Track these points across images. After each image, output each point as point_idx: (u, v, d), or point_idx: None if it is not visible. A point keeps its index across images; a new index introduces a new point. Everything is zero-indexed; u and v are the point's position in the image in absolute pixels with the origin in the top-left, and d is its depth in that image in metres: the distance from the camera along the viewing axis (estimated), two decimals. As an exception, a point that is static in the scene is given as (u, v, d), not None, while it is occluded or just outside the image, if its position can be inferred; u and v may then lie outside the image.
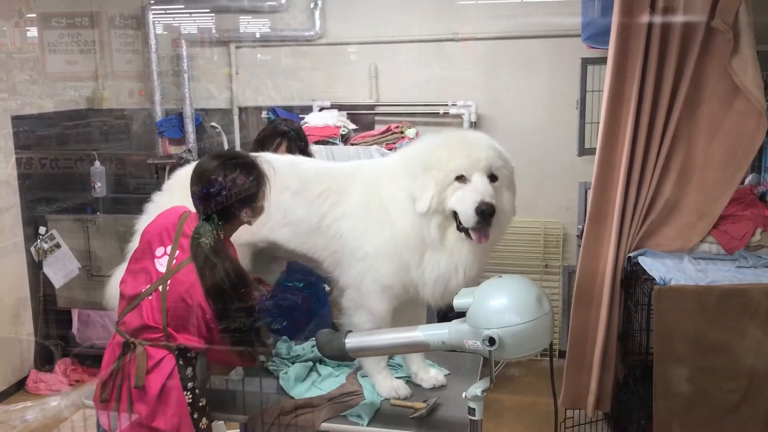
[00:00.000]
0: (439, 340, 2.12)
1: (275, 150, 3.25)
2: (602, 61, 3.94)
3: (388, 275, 2.45)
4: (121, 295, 2.38)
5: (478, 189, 2.27)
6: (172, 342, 2.30)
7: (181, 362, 2.31)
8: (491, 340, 1.95)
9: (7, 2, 4.62)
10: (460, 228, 2.33)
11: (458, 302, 2.07)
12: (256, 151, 3.06)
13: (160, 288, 2.30)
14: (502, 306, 2.00)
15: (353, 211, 2.53)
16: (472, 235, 2.30)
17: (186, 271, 2.29)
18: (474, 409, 2.08)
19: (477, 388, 2.07)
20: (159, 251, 2.33)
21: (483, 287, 2.08)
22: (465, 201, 2.27)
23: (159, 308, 2.30)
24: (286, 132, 3.31)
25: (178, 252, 2.32)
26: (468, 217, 2.26)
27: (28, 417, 4.13)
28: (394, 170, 2.51)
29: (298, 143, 3.32)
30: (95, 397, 2.38)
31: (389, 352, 2.53)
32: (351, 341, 2.23)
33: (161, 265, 2.32)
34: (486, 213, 2.24)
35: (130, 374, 2.29)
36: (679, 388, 3.01)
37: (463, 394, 2.09)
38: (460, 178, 2.30)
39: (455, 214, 2.32)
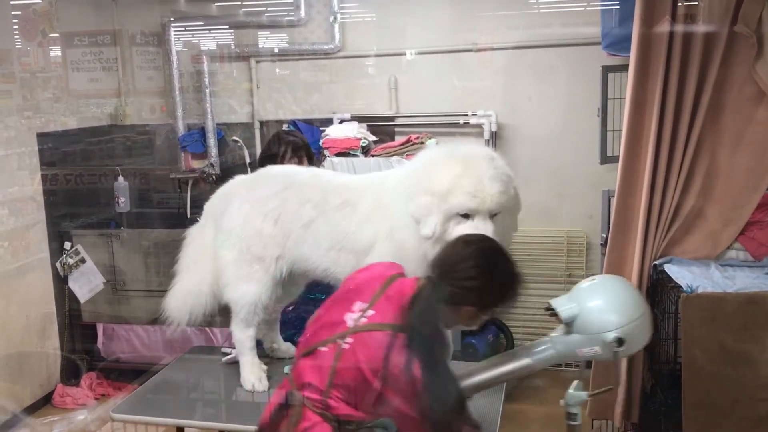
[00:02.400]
0: (545, 360, 2.13)
1: (281, 160, 3.27)
2: (623, 68, 3.92)
3: None
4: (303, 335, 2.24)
5: (479, 231, 2.22)
6: (331, 411, 2.04)
7: None
8: (620, 341, 2.01)
9: (31, 23, 4.70)
10: None
11: (566, 315, 2.09)
12: (264, 165, 3.06)
13: (339, 342, 2.05)
14: (618, 306, 2.08)
15: (362, 221, 2.55)
16: None
17: (376, 336, 2.01)
18: (575, 414, 2.08)
19: (576, 391, 2.08)
20: (356, 306, 2.11)
21: (585, 294, 2.12)
22: None
23: (328, 366, 2.04)
24: (293, 141, 3.34)
25: (372, 312, 2.06)
26: None
27: (55, 431, 4.16)
28: (397, 184, 2.51)
29: (308, 152, 3.36)
30: None
31: (500, 382, 2.40)
32: (465, 383, 2.17)
33: (351, 319, 2.08)
34: None
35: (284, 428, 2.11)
36: (709, 397, 2.96)
37: (561, 401, 2.09)
38: (463, 215, 2.26)
39: None
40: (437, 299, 2.02)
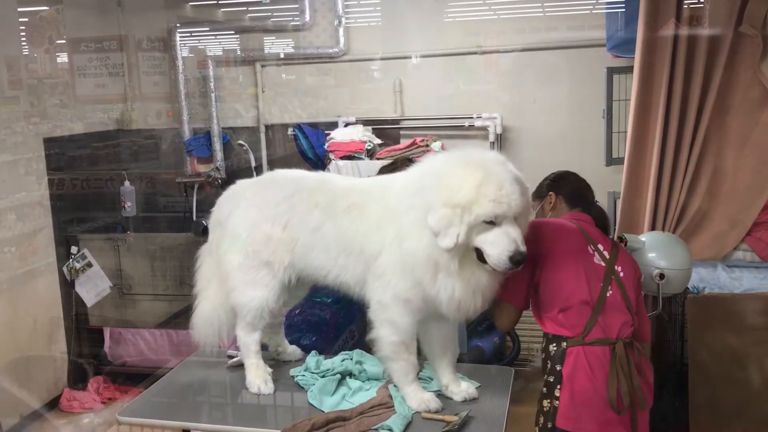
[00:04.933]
0: None
1: None
2: (628, 69, 3.91)
3: (406, 290, 2.44)
4: (571, 306, 2.39)
5: (510, 235, 2.22)
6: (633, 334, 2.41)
7: None
8: (662, 276, 2.70)
9: (38, 30, 4.73)
10: (483, 259, 2.28)
11: (630, 245, 2.75)
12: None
13: (614, 278, 2.44)
14: (673, 255, 2.73)
15: (370, 226, 2.54)
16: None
17: (626, 252, 2.57)
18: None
19: None
20: (589, 250, 2.48)
21: (653, 237, 2.83)
22: (497, 246, 2.22)
23: (622, 301, 2.40)
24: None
25: (600, 246, 2.49)
26: (500, 263, 2.22)
27: (62, 434, 4.18)
28: (405, 192, 2.47)
29: None
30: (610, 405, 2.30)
31: None
32: None
33: (598, 259, 2.46)
34: (520, 262, 2.22)
35: (638, 372, 2.34)
36: (716, 398, 2.95)
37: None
38: (489, 222, 2.24)
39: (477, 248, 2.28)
40: None
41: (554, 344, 2.40)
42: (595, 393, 2.30)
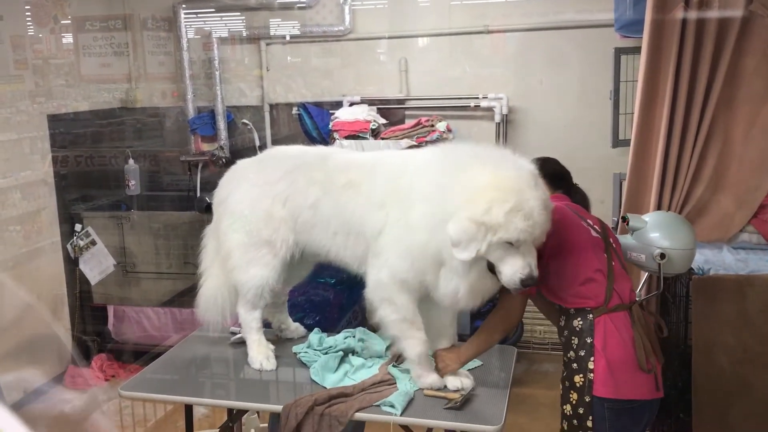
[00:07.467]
0: None
1: None
2: (636, 50, 3.86)
3: (403, 271, 2.42)
4: (590, 277, 2.40)
5: (526, 259, 2.21)
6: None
7: None
8: (662, 255, 2.58)
9: (44, 9, 4.71)
10: (493, 269, 2.27)
11: (632, 225, 2.70)
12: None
13: (614, 247, 2.52)
14: (676, 235, 2.63)
15: (371, 204, 2.51)
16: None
17: (607, 225, 2.64)
18: None
19: None
20: (586, 224, 2.51)
21: (656, 217, 2.75)
22: (512, 267, 2.21)
23: (621, 265, 2.50)
24: None
25: (590, 221, 2.54)
26: (510, 283, 2.23)
27: (65, 408, 4.18)
28: (422, 176, 2.42)
29: None
30: (639, 367, 2.33)
31: None
32: None
33: (596, 233, 2.50)
34: (529, 286, 2.24)
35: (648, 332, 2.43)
36: (720, 380, 2.94)
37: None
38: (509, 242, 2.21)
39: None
40: None
41: (578, 318, 2.38)
42: (627, 357, 2.33)
